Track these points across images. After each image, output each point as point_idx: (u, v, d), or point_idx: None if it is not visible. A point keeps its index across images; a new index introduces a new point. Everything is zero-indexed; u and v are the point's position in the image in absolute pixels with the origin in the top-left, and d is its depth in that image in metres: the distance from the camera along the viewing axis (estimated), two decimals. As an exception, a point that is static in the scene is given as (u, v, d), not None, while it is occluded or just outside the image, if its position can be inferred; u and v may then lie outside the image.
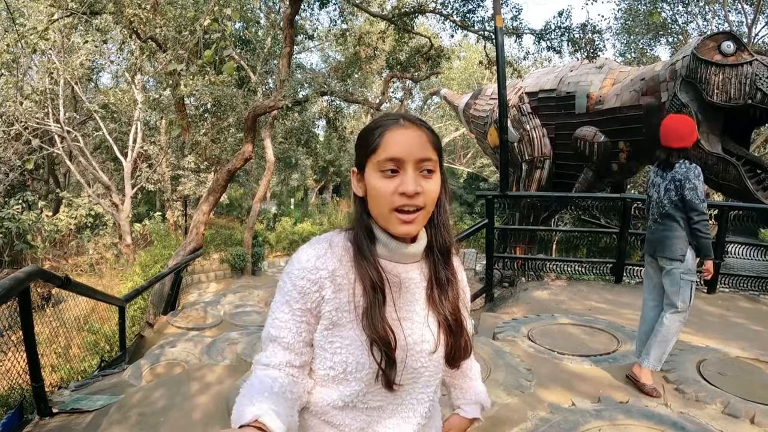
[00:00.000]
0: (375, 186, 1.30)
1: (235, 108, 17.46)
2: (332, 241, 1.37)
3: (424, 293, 1.42)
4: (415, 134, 1.31)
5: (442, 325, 1.41)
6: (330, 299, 1.31)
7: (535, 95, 12.82)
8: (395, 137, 1.29)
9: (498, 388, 4.18)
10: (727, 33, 9.24)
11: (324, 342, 1.34)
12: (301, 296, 1.31)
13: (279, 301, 1.35)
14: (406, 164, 1.28)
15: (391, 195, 1.28)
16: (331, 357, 1.33)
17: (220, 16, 7.65)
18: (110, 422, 4.07)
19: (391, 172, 1.28)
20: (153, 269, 17.46)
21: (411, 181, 1.27)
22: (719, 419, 3.74)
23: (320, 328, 1.34)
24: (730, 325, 6.36)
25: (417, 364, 1.38)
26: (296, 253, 1.37)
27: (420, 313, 1.40)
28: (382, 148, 1.29)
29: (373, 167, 1.30)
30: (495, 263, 8.91)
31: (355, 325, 1.31)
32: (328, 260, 1.33)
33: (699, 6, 22.55)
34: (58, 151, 21.77)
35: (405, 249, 1.37)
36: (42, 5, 14.54)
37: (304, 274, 1.31)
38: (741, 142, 9.35)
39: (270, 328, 1.35)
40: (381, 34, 19.38)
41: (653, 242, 4.57)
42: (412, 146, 1.29)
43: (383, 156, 1.28)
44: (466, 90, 29.11)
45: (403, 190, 1.26)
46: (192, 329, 9.55)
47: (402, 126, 1.31)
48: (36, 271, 4.29)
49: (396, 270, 1.38)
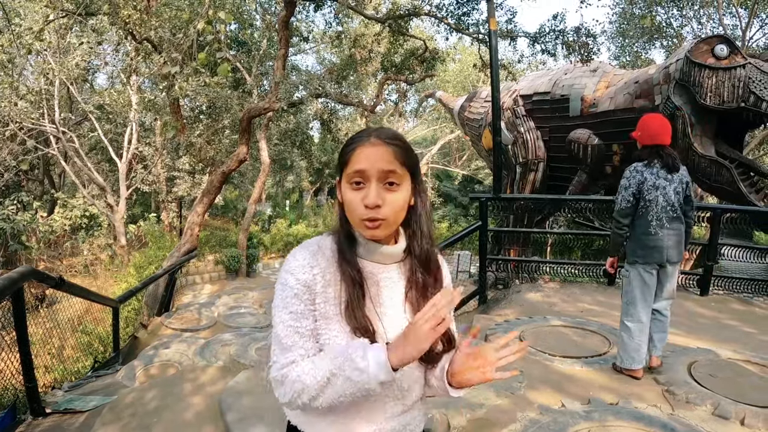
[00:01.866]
0: (347, 197, 1.44)
1: (230, 109, 17.48)
2: (321, 243, 1.52)
3: (402, 291, 1.55)
4: (381, 150, 1.42)
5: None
6: (320, 293, 1.45)
7: (529, 98, 12.84)
8: (363, 153, 1.42)
9: (488, 390, 4.20)
10: (721, 36, 9.27)
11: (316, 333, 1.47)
12: (306, 289, 1.44)
13: (287, 296, 1.45)
14: (370, 177, 1.41)
15: (359, 206, 1.42)
16: (320, 347, 1.45)
17: (215, 18, 7.64)
18: (103, 422, 4.08)
19: (356, 185, 1.43)
20: (147, 270, 17.43)
21: (373, 193, 1.40)
22: (709, 421, 3.75)
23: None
24: (722, 327, 6.38)
25: None
26: (290, 255, 1.50)
27: (398, 308, 1.53)
28: (351, 162, 1.43)
29: (345, 179, 1.45)
30: (489, 265, 8.92)
31: (340, 319, 1.44)
32: (319, 259, 1.47)
33: (694, 9, 22.61)
34: (53, 151, 21.74)
35: (382, 250, 1.51)
36: (38, 6, 14.54)
37: (304, 270, 1.45)
38: (734, 145, 9.38)
39: (289, 321, 1.44)
40: (376, 36, 19.38)
41: (665, 249, 4.47)
42: (377, 161, 1.41)
43: (351, 169, 1.42)
44: (461, 92, 29.09)
45: (365, 203, 1.40)
46: (186, 330, 9.56)
47: (370, 143, 1.43)
48: (30, 271, 4.30)
49: (375, 269, 1.52)
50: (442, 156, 42.03)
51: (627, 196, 4.51)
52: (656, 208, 4.45)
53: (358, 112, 30.03)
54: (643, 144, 4.54)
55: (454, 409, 3.83)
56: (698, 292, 7.88)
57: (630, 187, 4.50)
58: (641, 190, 4.47)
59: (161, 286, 12.28)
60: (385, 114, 34.27)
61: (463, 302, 8.89)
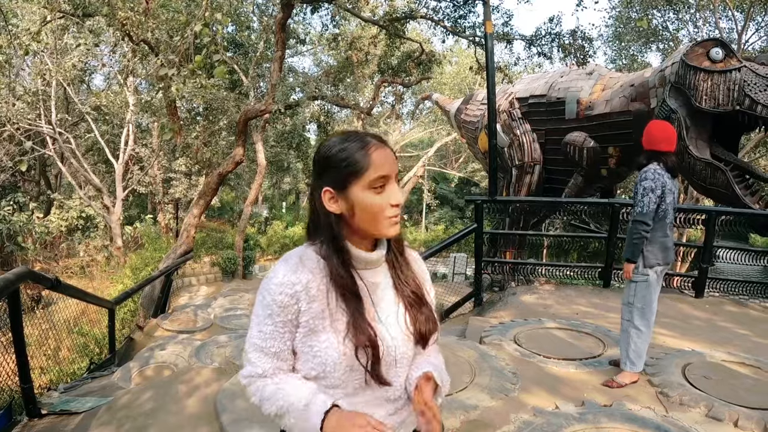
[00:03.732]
0: (371, 202, 1.44)
1: (226, 111, 17.49)
2: (303, 256, 1.51)
3: (393, 292, 1.59)
4: (389, 152, 1.48)
5: (407, 304, 1.58)
6: (306, 310, 1.46)
7: (525, 101, 12.87)
8: (381, 157, 1.45)
9: (482, 392, 4.21)
10: (716, 40, 9.31)
11: (304, 347, 1.48)
12: (281, 309, 1.45)
13: (261, 315, 1.49)
14: (391, 179, 1.47)
15: (385, 207, 1.45)
16: (312, 359, 1.47)
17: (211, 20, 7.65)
18: (99, 424, 4.09)
19: (381, 188, 1.45)
20: (143, 272, 17.44)
21: (398, 192, 1.48)
22: (703, 422, 3.77)
23: (299, 335, 1.49)
24: (716, 329, 6.41)
25: (400, 352, 1.54)
26: (272, 270, 1.51)
27: (393, 305, 1.57)
28: (372, 168, 1.43)
29: (364, 186, 1.44)
30: (484, 267, 8.93)
31: (329, 330, 1.46)
32: (301, 274, 1.46)
33: (690, 13, 22.67)
34: (50, 152, 21.76)
35: (371, 256, 1.54)
36: (35, 6, 14.52)
37: (282, 290, 1.45)
38: (729, 148, 9.41)
39: (255, 339, 1.50)
40: (373, 39, 19.41)
41: (671, 249, 4.56)
42: (393, 163, 1.48)
43: (375, 175, 1.43)
44: (458, 95, 29.13)
45: (396, 202, 1.47)
46: (182, 332, 9.56)
47: (378, 145, 1.47)
48: (26, 272, 4.30)
49: (368, 276, 1.55)
50: (439, 158, 42.08)
51: (654, 198, 4.38)
52: (671, 211, 4.50)
53: (354, 115, 30.07)
54: (652, 149, 4.52)
55: (448, 411, 3.84)
56: (693, 294, 7.91)
57: (656, 189, 4.38)
58: (664, 192, 4.41)
59: (157, 288, 12.26)
60: (381, 116, 34.29)
61: (458, 304, 8.92)
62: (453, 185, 41.46)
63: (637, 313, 4.50)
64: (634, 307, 4.52)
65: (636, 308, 4.51)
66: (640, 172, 4.50)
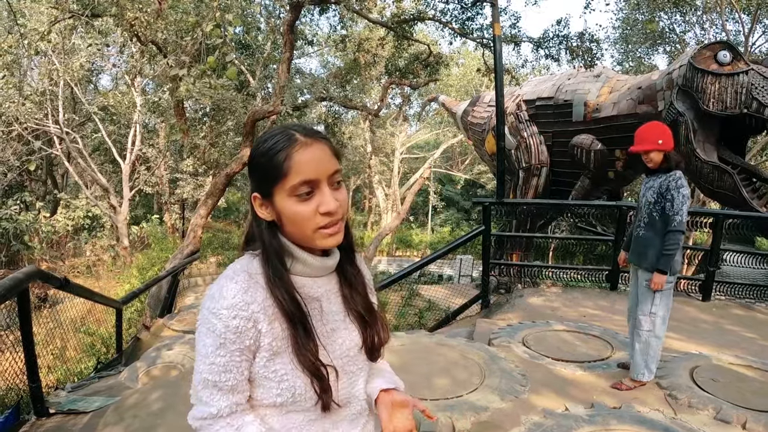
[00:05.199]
0: (293, 211, 1.26)
1: (234, 112, 17.52)
2: (250, 271, 1.31)
3: (341, 300, 1.43)
4: (319, 149, 1.28)
5: (358, 319, 1.43)
6: (267, 332, 1.27)
7: (532, 103, 12.86)
8: (304, 157, 1.25)
9: (492, 393, 4.21)
10: (724, 42, 9.28)
11: (267, 372, 1.29)
12: (237, 336, 1.24)
13: (211, 345, 1.25)
14: (321, 183, 1.27)
15: (312, 217, 1.26)
16: (277, 385, 1.29)
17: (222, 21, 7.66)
18: (106, 423, 4.10)
19: (307, 195, 1.26)
20: (150, 272, 17.50)
21: (330, 200, 1.26)
22: (711, 425, 3.77)
23: (260, 360, 1.28)
24: (723, 333, 6.39)
25: (354, 367, 1.42)
26: (214, 289, 1.29)
27: (342, 319, 1.41)
28: (293, 173, 1.24)
29: (285, 193, 1.26)
30: (491, 270, 8.93)
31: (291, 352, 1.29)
32: (254, 292, 1.27)
33: (697, 15, 22.60)
34: (57, 152, 21.83)
35: (325, 262, 1.37)
36: (43, 6, 14.58)
37: (236, 312, 1.24)
38: (736, 151, 9.39)
39: (206, 374, 1.27)
40: (380, 40, 19.44)
41: None
42: (323, 163, 1.27)
43: (296, 180, 1.24)
44: (465, 97, 29.14)
45: (326, 210, 1.25)
46: (188, 332, 9.54)
47: (304, 144, 1.27)
48: (35, 271, 4.31)
49: (315, 285, 1.37)
50: (445, 160, 42.09)
51: (689, 206, 4.29)
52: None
53: (361, 116, 30.08)
54: (670, 150, 4.32)
55: (459, 413, 3.84)
56: (700, 298, 7.89)
57: (688, 196, 4.27)
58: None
59: (164, 288, 12.28)
60: (388, 118, 34.30)
61: (465, 306, 8.92)
62: (459, 187, 41.47)
63: (659, 321, 4.37)
64: (657, 317, 4.37)
65: (659, 317, 4.37)
66: (669, 177, 4.30)
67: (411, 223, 41.79)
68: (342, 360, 1.38)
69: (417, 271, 9.08)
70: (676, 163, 4.35)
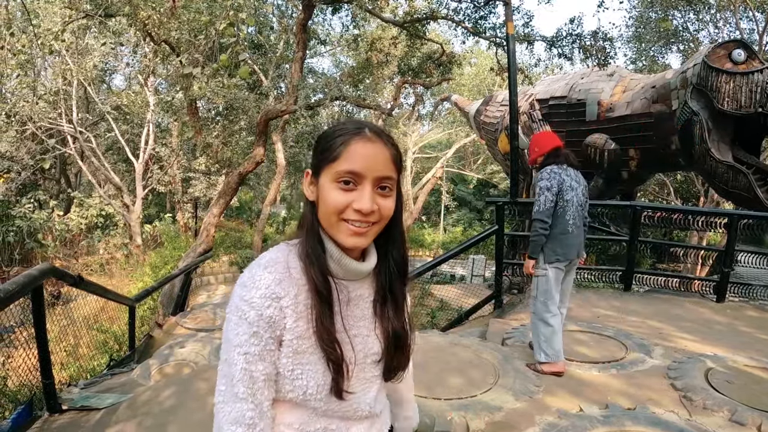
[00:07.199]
0: (328, 196, 1.25)
1: (246, 111, 17.53)
2: (290, 264, 1.29)
3: (371, 308, 1.39)
4: (378, 149, 1.27)
5: (385, 337, 1.39)
6: (291, 328, 1.24)
7: (546, 102, 12.83)
8: (358, 149, 1.24)
9: (506, 393, 4.20)
10: (738, 41, 9.24)
11: (284, 369, 1.25)
12: (269, 325, 1.21)
13: (244, 333, 1.21)
14: (365, 180, 1.24)
15: (343, 208, 1.24)
16: (291, 382, 1.26)
17: (235, 20, 7.68)
18: (118, 420, 4.11)
19: (345, 184, 1.24)
20: (163, 270, 17.56)
21: (368, 199, 1.24)
22: (726, 427, 3.74)
23: (281, 355, 1.25)
24: (738, 334, 6.35)
25: (369, 374, 1.38)
26: (249, 276, 1.26)
27: (368, 326, 1.38)
28: (343, 159, 1.24)
29: (330, 176, 1.26)
30: (504, 270, 8.90)
31: (315, 350, 1.26)
32: (288, 286, 1.25)
33: (710, 14, 22.46)
34: (71, 151, 21.97)
35: (356, 267, 1.33)
36: (56, 6, 14.65)
37: (270, 303, 1.21)
38: (751, 151, 9.33)
39: (243, 364, 1.21)
40: (393, 39, 19.41)
41: (576, 247, 4.79)
42: (375, 162, 1.25)
43: (343, 167, 1.24)
44: (477, 96, 29.05)
45: (359, 207, 1.23)
46: (201, 330, 9.58)
47: (367, 138, 1.26)
48: (49, 268, 4.33)
49: (346, 285, 1.35)
50: (457, 160, 41.98)
51: (550, 196, 4.63)
52: (572, 208, 4.70)
53: (374, 115, 30.08)
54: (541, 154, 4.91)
55: (473, 412, 3.83)
56: (714, 299, 7.85)
57: (552, 188, 4.64)
58: (561, 190, 4.66)
59: (177, 286, 12.33)
60: (401, 117, 34.28)
61: (478, 306, 8.91)
62: (471, 187, 41.39)
63: (539, 306, 4.77)
64: (537, 301, 4.80)
65: (539, 302, 4.78)
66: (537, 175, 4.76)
67: (423, 223, 41.80)
68: (358, 364, 1.34)
69: (429, 270, 9.05)
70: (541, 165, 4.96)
